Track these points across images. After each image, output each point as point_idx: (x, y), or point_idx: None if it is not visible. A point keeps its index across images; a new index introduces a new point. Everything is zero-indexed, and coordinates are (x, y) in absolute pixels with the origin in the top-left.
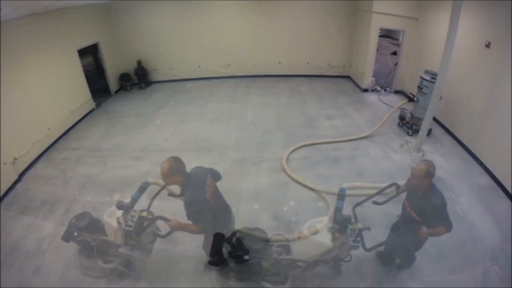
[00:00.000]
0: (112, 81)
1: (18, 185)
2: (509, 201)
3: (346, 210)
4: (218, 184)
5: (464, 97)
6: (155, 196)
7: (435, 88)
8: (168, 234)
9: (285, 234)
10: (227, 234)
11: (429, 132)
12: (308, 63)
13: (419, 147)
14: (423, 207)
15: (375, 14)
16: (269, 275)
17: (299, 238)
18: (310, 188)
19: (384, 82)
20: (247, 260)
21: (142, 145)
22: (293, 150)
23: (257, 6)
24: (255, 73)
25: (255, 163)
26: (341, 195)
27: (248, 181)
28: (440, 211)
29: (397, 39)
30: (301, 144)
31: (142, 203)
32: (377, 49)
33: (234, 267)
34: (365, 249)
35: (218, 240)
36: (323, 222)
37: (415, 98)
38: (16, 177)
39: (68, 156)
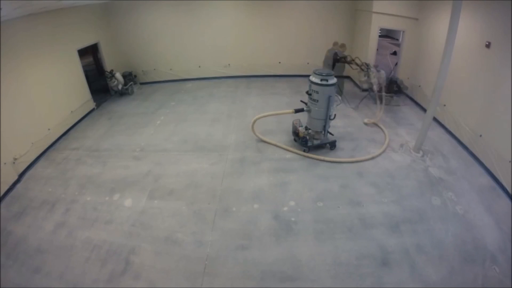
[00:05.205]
0: None
1: (18, 185)
2: (509, 201)
3: None
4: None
5: (464, 97)
6: None
7: (436, 88)
8: None
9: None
10: None
11: (333, 145)
12: (308, 63)
13: (419, 147)
14: None
15: (375, 14)
16: None
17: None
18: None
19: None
20: None
21: (142, 145)
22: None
23: (257, 6)
24: (255, 73)
25: (255, 163)
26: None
27: (248, 181)
28: None
29: (397, 39)
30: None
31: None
32: (377, 49)
33: None
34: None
35: None
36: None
37: (305, 108)
38: (16, 177)
39: (68, 156)
